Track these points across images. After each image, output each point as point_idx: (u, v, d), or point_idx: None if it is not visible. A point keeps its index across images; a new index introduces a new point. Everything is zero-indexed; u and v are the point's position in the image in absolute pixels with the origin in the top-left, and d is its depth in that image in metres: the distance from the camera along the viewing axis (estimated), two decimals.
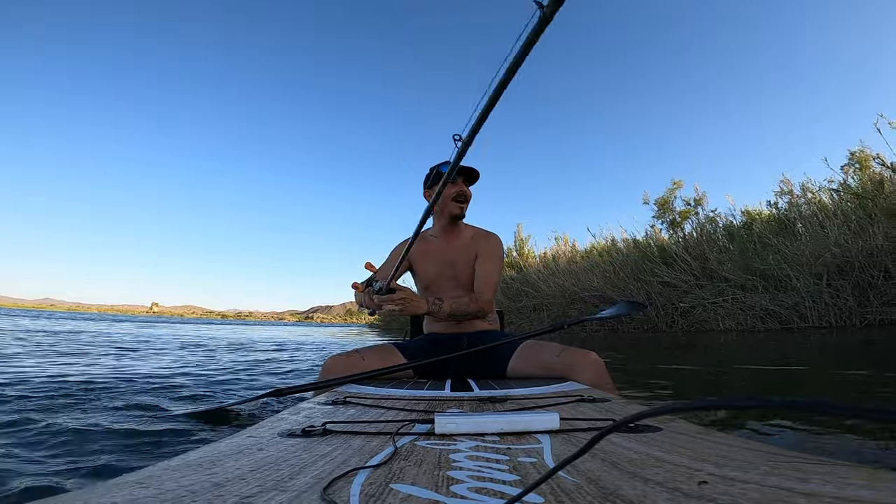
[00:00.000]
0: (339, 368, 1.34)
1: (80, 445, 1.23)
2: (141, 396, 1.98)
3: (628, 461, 0.48)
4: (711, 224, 7.55)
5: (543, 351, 1.38)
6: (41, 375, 2.44)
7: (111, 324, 14.63)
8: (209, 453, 0.52)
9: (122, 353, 4.33)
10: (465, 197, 1.62)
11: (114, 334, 7.77)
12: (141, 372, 2.86)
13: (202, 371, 3.09)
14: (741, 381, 2.45)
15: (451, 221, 1.66)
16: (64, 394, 1.94)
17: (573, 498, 0.38)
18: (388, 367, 1.29)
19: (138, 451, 1.21)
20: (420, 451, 0.55)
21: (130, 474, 0.44)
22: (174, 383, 2.43)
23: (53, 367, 2.88)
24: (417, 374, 1.46)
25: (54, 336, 6.20)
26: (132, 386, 2.26)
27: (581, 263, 9.20)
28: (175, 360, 3.84)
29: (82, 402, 1.80)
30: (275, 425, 0.70)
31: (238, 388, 2.42)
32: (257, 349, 5.81)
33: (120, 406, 1.75)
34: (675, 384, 2.36)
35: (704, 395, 2.02)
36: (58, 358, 3.45)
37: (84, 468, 1.06)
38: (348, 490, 0.40)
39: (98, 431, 1.35)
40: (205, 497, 0.37)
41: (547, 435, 0.62)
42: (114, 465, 1.08)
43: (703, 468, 0.44)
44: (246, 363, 3.85)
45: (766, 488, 0.36)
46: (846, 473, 0.39)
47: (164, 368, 3.13)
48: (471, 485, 0.42)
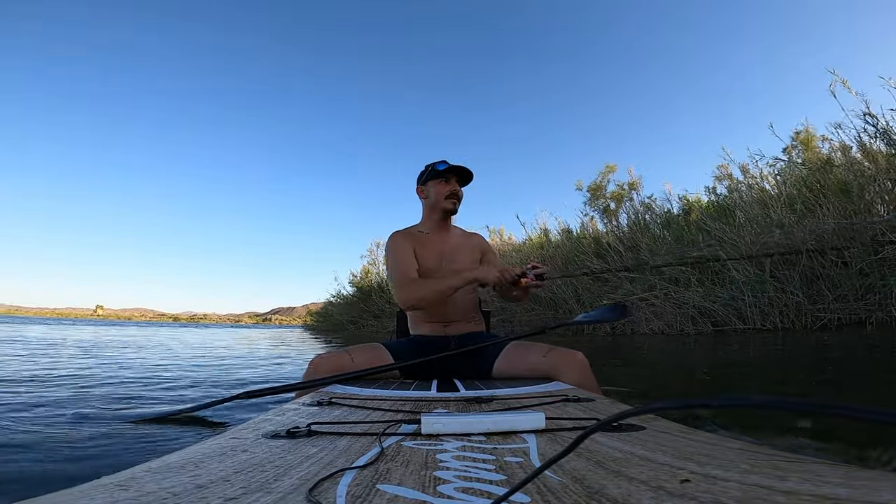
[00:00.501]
0: (325, 367, 1.33)
1: (39, 450, 1.17)
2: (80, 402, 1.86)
3: (613, 460, 0.49)
4: (647, 210, 7.00)
5: (529, 352, 1.39)
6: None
7: (55, 328, 13.49)
8: (191, 455, 0.51)
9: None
10: (457, 195, 1.67)
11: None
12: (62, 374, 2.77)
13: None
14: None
15: (444, 218, 1.71)
16: (27, 397, 1.87)
17: (559, 497, 0.38)
18: (372, 368, 1.28)
19: (93, 458, 1.14)
20: (407, 451, 0.55)
21: (109, 476, 0.43)
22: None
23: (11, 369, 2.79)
24: (403, 375, 1.46)
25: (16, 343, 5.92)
26: (77, 391, 2.13)
27: (512, 257, 8.58)
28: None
29: (35, 406, 1.72)
30: (259, 426, 0.69)
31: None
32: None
33: (65, 412, 1.64)
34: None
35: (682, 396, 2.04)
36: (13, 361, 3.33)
37: (45, 472, 1.01)
38: (334, 491, 0.40)
39: (42, 440, 1.28)
40: (188, 499, 0.37)
41: (533, 434, 0.63)
42: (70, 469, 1.03)
43: (686, 467, 0.44)
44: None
45: (746, 486, 0.37)
46: (823, 472, 0.40)
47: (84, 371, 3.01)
48: (457, 485, 0.42)
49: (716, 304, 4.69)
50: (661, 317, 5.21)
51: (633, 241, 6.45)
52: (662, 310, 5.19)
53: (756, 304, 4.40)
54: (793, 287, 4.15)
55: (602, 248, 6.81)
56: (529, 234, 8.98)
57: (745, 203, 5.36)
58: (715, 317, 4.73)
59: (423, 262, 1.67)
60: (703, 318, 4.83)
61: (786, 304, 4.22)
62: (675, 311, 5.04)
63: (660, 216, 6.75)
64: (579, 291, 6.43)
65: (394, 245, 1.68)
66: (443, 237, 1.72)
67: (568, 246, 7.55)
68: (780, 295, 4.24)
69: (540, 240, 8.58)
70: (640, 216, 6.99)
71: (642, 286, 5.44)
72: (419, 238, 1.71)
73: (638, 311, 5.41)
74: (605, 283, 6.09)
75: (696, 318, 4.88)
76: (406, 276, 1.57)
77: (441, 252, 1.69)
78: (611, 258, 6.42)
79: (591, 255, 6.83)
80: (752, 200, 5.28)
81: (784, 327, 4.20)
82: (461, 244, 1.75)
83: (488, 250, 1.81)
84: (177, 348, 5.69)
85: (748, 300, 4.42)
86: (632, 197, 7.35)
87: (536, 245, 8.53)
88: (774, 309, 4.29)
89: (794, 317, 4.18)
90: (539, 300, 6.86)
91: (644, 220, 6.88)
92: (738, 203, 5.50)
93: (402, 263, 1.61)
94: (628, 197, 7.39)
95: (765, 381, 2.27)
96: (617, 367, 3.12)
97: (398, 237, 1.70)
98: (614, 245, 6.58)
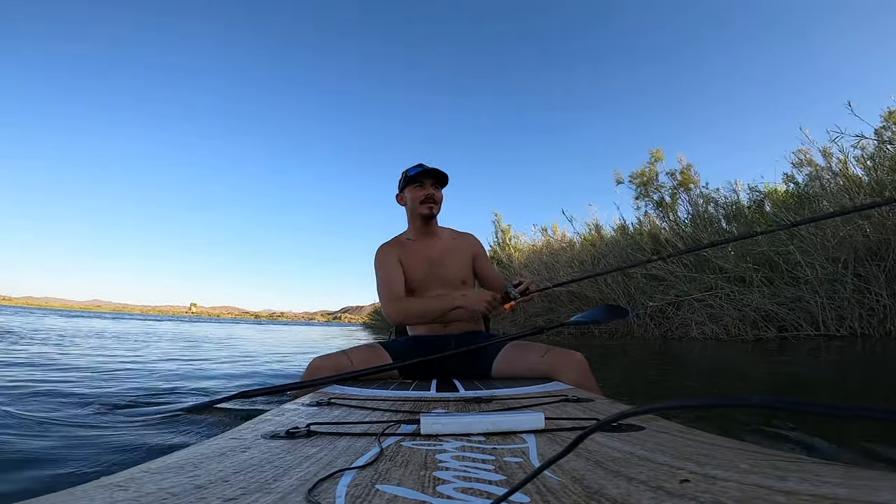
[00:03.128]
0: (324, 368, 1.33)
1: (46, 446, 1.17)
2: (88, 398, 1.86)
3: (612, 460, 0.49)
4: (709, 202, 6.33)
5: (528, 352, 1.39)
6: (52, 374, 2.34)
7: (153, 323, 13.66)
8: (190, 455, 0.51)
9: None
10: (433, 199, 1.64)
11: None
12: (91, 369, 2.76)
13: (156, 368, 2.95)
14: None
15: (424, 223, 1.68)
16: (37, 390, 1.86)
17: (559, 497, 0.38)
18: (371, 368, 1.28)
19: (94, 457, 1.15)
20: (406, 451, 0.55)
21: (108, 476, 0.43)
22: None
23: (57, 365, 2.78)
24: (402, 375, 1.46)
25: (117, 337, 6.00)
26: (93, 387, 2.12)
27: (564, 254, 8.25)
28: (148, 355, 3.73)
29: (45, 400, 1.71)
30: (258, 427, 0.69)
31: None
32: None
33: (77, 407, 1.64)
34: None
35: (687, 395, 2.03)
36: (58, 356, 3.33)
37: (53, 470, 1.01)
38: (334, 491, 0.40)
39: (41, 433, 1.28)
40: (187, 499, 0.37)
41: (532, 435, 0.63)
42: (76, 468, 1.03)
43: (686, 467, 0.44)
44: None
45: (746, 486, 0.37)
46: (822, 472, 0.40)
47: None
48: (457, 485, 0.42)
49: (783, 306, 4.11)
50: (717, 320, 4.66)
51: (694, 236, 5.90)
52: (721, 312, 4.63)
53: (832, 307, 3.79)
54: (878, 286, 3.55)
55: (660, 245, 6.27)
56: (580, 232, 8.47)
57: (829, 193, 4.71)
58: (781, 321, 4.15)
59: (409, 271, 1.66)
60: (767, 322, 4.24)
61: (869, 307, 3.62)
62: (735, 314, 4.45)
63: (724, 207, 6.11)
64: (631, 290, 6.09)
65: (379, 259, 1.68)
66: (428, 243, 1.71)
67: (623, 243, 7.08)
68: (863, 297, 3.64)
69: (592, 237, 8.11)
70: (702, 209, 6.40)
71: (699, 286, 4.97)
72: (405, 246, 1.70)
73: (692, 312, 4.99)
74: (661, 280, 5.65)
75: (758, 321, 4.28)
76: (390, 294, 1.58)
77: (428, 258, 1.67)
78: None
79: (648, 252, 6.24)
80: (836, 189, 4.63)
81: (864, 333, 3.61)
82: (450, 247, 1.73)
83: (480, 254, 1.79)
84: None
85: (821, 302, 3.81)
86: (689, 187, 6.67)
87: (589, 242, 8.05)
88: (854, 312, 3.66)
89: (878, 322, 3.58)
90: (587, 299, 6.48)
91: (707, 213, 6.29)
92: (821, 192, 4.86)
93: (387, 279, 1.61)
94: (684, 188, 6.73)
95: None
96: (652, 374, 2.87)
97: (384, 250, 1.70)
98: (672, 241, 6.05)
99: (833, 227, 4.02)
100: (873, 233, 3.73)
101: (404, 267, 1.66)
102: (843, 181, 4.62)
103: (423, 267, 1.66)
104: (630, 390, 2.28)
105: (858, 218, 3.79)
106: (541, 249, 9.56)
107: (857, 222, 3.82)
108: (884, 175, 4.17)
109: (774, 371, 2.78)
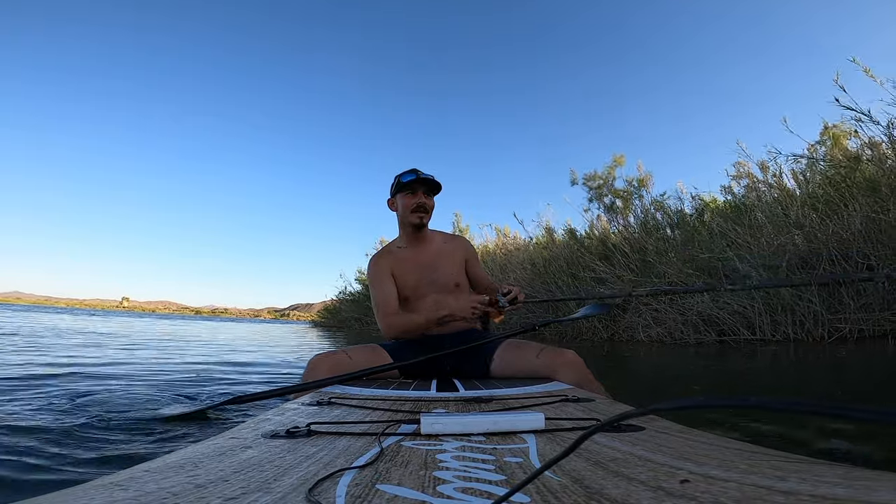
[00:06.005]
0: (324, 367, 1.33)
1: (41, 447, 1.17)
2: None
3: (612, 460, 0.49)
4: (658, 209, 6.45)
5: (523, 351, 1.41)
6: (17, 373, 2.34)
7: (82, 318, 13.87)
8: (190, 455, 0.51)
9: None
10: (424, 208, 1.63)
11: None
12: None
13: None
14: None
15: (415, 231, 1.67)
16: (27, 393, 1.85)
17: (559, 497, 0.38)
18: (371, 368, 1.28)
19: (89, 460, 1.13)
20: (406, 451, 0.55)
21: (109, 476, 0.43)
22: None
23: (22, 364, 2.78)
24: (403, 375, 1.46)
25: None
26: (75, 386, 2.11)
27: (517, 256, 8.24)
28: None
29: (34, 400, 1.70)
30: (258, 426, 0.69)
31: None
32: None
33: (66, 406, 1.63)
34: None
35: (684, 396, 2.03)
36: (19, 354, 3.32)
37: (51, 470, 1.01)
38: (334, 491, 0.40)
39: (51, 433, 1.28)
40: (187, 499, 0.37)
41: (532, 435, 0.63)
42: (70, 468, 1.02)
43: (685, 467, 0.44)
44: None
45: (745, 486, 0.37)
46: (821, 471, 0.40)
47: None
48: (457, 485, 0.42)
49: (723, 311, 4.32)
50: (661, 323, 4.87)
51: (640, 242, 6.08)
52: (665, 316, 4.82)
53: (768, 313, 4.01)
54: (810, 294, 3.75)
55: (608, 250, 6.45)
56: (532, 235, 8.51)
57: (764, 204, 4.97)
58: (721, 325, 4.36)
59: (402, 280, 1.66)
60: (708, 326, 4.45)
61: (801, 313, 3.83)
62: (678, 318, 4.66)
63: (671, 216, 6.29)
64: (579, 290, 6.23)
65: (372, 274, 1.68)
66: (420, 249, 1.70)
67: (572, 247, 7.13)
68: (797, 303, 3.84)
69: (545, 239, 8.08)
70: (651, 216, 6.54)
71: (645, 290, 5.09)
72: (397, 255, 1.69)
73: (639, 315, 5.14)
74: (608, 285, 5.85)
75: (699, 325, 4.49)
76: (385, 308, 1.60)
77: (420, 264, 1.67)
78: (616, 260, 6.12)
79: (596, 258, 6.42)
80: (771, 201, 4.91)
81: (797, 338, 3.83)
82: (442, 251, 1.72)
83: (472, 256, 1.79)
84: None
85: (758, 308, 4.03)
86: (641, 195, 6.78)
87: (540, 246, 8.07)
88: (787, 318, 3.89)
89: (809, 327, 3.81)
90: (543, 304, 6.62)
91: (655, 220, 6.44)
92: (757, 203, 5.10)
93: (381, 296, 1.62)
94: (638, 194, 6.81)
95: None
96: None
97: (376, 261, 1.69)
98: (620, 246, 6.21)
99: (768, 237, 4.33)
100: (804, 243, 4.02)
101: (397, 276, 1.66)
102: (777, 193, 4.98)
103: (416, 274, 1.66)
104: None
105: (792, 228, 4.14)
106: (494, 251, 9.62)
107: (791, 231, 4.14)
108: (815, 189, 4.53)
109: (719, 371, 2.99)
